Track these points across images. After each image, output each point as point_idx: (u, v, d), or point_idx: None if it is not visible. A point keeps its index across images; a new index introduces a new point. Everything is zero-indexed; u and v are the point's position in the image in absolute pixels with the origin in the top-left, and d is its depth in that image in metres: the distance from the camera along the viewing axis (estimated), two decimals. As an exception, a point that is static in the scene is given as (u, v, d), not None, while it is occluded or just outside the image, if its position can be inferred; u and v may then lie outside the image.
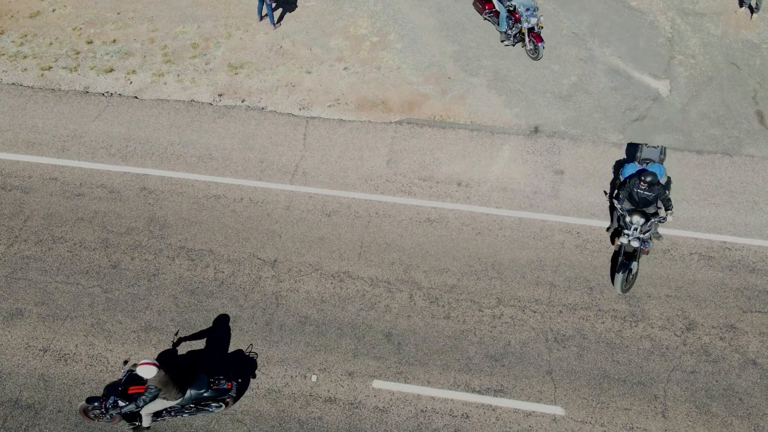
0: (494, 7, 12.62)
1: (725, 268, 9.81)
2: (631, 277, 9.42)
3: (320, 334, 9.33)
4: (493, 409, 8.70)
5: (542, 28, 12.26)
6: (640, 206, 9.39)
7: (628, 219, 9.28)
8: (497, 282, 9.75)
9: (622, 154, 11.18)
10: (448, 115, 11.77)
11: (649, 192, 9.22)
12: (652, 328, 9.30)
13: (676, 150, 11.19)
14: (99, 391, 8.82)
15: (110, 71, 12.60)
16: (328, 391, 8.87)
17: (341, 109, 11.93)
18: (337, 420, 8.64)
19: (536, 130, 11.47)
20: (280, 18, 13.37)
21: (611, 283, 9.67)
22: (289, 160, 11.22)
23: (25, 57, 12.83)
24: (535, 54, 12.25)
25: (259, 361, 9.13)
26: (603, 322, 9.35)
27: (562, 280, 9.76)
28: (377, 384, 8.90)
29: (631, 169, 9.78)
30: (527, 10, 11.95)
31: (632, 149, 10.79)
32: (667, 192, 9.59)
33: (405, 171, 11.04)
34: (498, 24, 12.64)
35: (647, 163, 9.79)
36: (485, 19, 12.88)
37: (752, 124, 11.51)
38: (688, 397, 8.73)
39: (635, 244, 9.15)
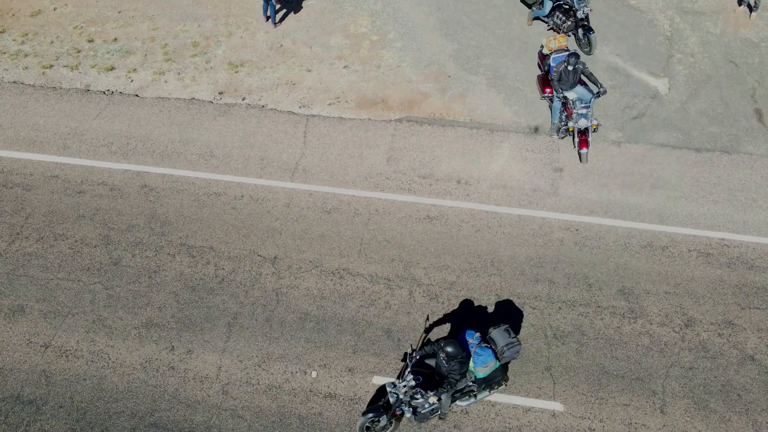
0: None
1: (723, 265, 9.85)
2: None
3: (320, 331, 9.37)
4: (493, 405, 8.73)
5: (597, 130, 10.91)
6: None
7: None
8: (497, 279, 9.80)
9: (621, 153, 11.23)
10: (448, 113, 11.82)
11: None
12: (651, 324, 9.35)
13: (675, 148, 11.24)
14: (101, 387, 8.88)
15: (111, 69, 12.65)
16: (329, 386, 8.91)
17: (341, 108, 11.98)
18: (337, 415, 8.68)
19: (535, 129, 11.51)
20: (282, 17, 13.42)
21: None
22: (289, 158, 11.26)
23: (26, 55, 12.88)
24: (580, 159, 10.95)
25: (259, 357, 9.17)
26: (602, 319, 9.40)
27: (561, 276, 9.80)
28: (377, 380, 8.94)
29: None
30: (583, 106, 10.62)
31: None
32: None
33: (405, 169, 11.09)
34: (551, 112, 11.43)
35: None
36: (541, 99, 11.72)
37: (751, 122, 11.55)
38: (686, 393, 8.77)
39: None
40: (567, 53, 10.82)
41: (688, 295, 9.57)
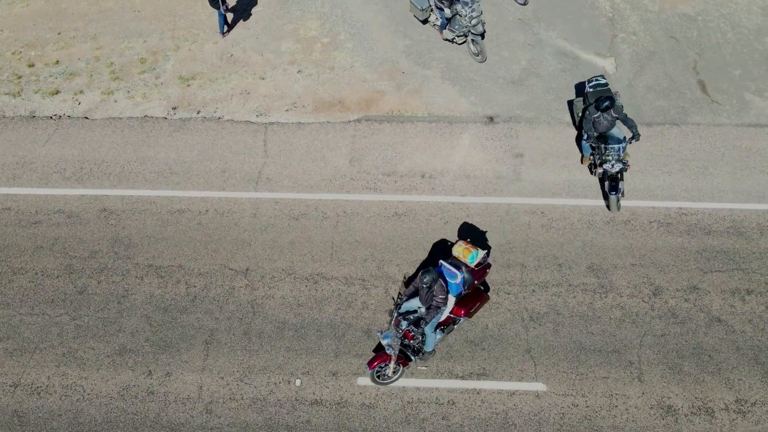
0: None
1: (683, 233, 10.23)
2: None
3: (300, 338, 9.30)
4: (478, 393, 8.85)
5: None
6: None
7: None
8: (469, 268, 9.91)
9: (576, 134, 11.50)
10: (406, 109, 11.89)
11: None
12: (621, 297, 9.63)
13: (627, 124, 11.59)
14: (78, 421, 8.60)
15: (56, 93, 12.24)
16: (314, 393, 8.86)
17: (299, 112, 11.90)
18: (325, 421, 8.64)
19: (492, 118, 11.69)
20: (231, 27, 13.21)
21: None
22: (251, 168, 11.13)
23: (-37, 86, 12.34)
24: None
25: (240, 371, 9.04)
26: (574, 297, 9.63)
27: (532, 260, 10.00)
28: (362, 381, 8.94)
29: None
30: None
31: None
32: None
33: (368, 168, 11.10)
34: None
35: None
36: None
37: (695, 94, 12.02)
38: (660, 360, 9.07)
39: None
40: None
41: (653, 265, 9.90)
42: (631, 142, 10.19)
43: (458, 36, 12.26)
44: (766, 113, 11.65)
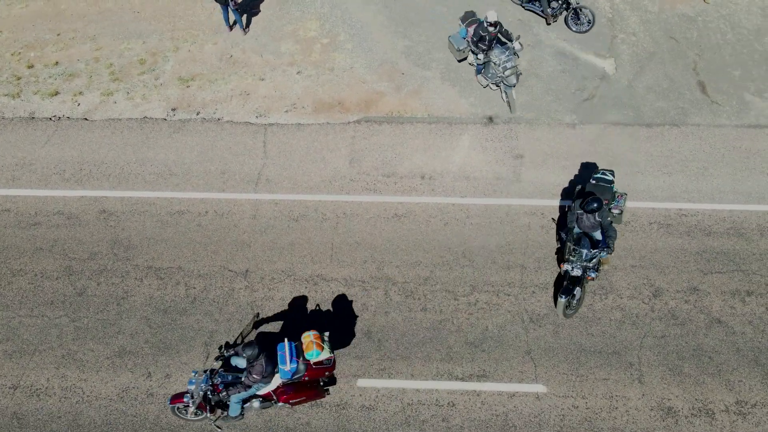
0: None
1: (683, 234, 10.22)
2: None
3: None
4: (478, 394, 8.84)
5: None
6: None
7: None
8: (469, 270, 9.90)
9: (576, 134, 11.50)
10: (405, 110, 11.87)
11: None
12: (621, 298, 9.62)
13: (627, 125, 11.58)
14: (77, 423, 8.58)
15: (55, 94, 12.22)
16: (314, 395, 8.85)
17: (299, 114, 11.89)
18: (325, 423, 8.63)
19: (491, 119, 11.67)
20: (232, 26, 13.20)
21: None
22: (251, 169, 11.11)
23: (-38, 87, 12.32)
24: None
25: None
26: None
27: (532, 261, 9.98)
28: (362, 383, 8.93)
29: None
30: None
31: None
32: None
33: (368, 169, 11.08)
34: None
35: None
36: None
37: (695, 95, 12.01)
38: (661, 361, 9.06)
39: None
40: None
41: (653, 267, 9.88)
42: (602, 255, 8.91)
43: (492, 83, 11.66)
44: (766, 114, 11.64)
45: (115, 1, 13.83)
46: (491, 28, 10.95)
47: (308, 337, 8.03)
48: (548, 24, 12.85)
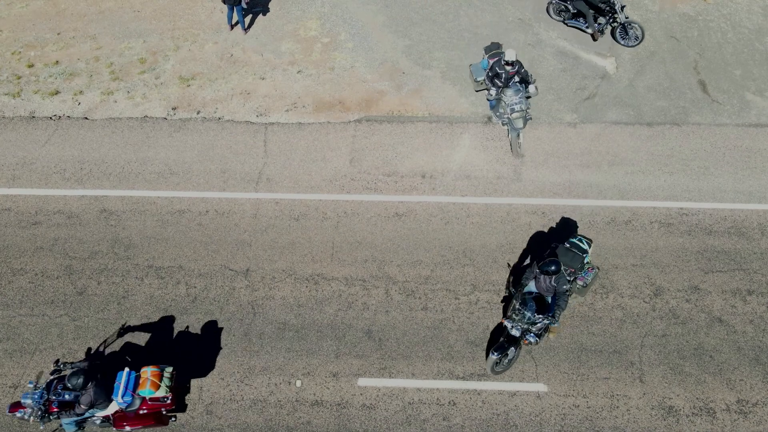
0: None
1: (684, 233, 10.21)
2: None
3: (300, 339, 9.28)
4: (479, 393, 8.83)
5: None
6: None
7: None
8: (470, 269, 9.90)
9: (577, 133, 11.48)
10: (406, 110, 11.86)
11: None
12: (622, 297, 9.61)
13: (628, 124, 11.57)
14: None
15: (56, 94, 12.21)
16: (314, 394, 8.84)
17: (299, 113, 11.88)
18: (326, 422, 8.63)
19: (492, 118, 11.66)
20: (233, 25, 13.20)
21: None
22: (251, 168, 11.11)
23: (-38, 86, 12.31)
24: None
25: (240, 372, 9.02)
26: (575, 297, 9.60)
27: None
28: (362, 382, 8.92)
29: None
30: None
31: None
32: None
33: (369, 168, 11.08)
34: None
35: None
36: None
37: (696, 94, 12.00)
38: (662, 360, 9.05)
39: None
40: None
41: (654, 266, 9.87)
42: (546, 322, 8.31)
43: (501, 122, 11.07)
44: (767, 113, 11.63)
45: (116, 1, 13.83)
46: (508, 67, 10.62)
47: (145, 374, 7.97)
48: (594, 40, 12.57)
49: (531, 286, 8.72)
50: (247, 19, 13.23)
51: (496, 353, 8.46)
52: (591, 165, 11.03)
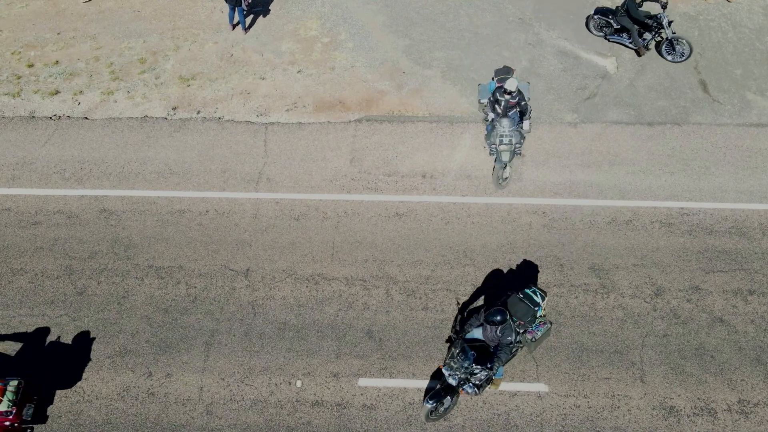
0: None
1: (685, 233, 10.20)
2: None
3: (301, 339, 9.27)
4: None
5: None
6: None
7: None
8: (471, 269, 9.88)
9: (578, 133, 11.47)
10: (406, 109, 11.85)
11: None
12: (623, 297, 9.59)
13: (629, 124, 11.56)
14: (78, 422, 8.56)
15: (56, 93, 12.20)
16: (315, 394, 8.83)
17: (299, 113, 11.87)
18: (326, 422, 8.61)
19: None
20: (234, 25, 13.19)
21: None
22: (251, 168, 11.09)
23: (-38, 86, 12.30)
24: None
25: (241, 372, 9.01)
26: (576, 297, 9.59)
27: (533, 260, 9.96)
28: (363, 382, 8.90)
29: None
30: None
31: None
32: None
33: (369, 168, 11.06)
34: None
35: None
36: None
37: (696, 93, 11.99)
38: (663, 360, 9.04)
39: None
40: None
41: (655, 266, 9.86)
42: (485, 374, 7.87)
43: (490, 152, 10.68)
44: (768, 113, 11.63)
45: (116, 1, 13.82)
46: (507, 96, 10.33)
47: (12, 384, 7.79)
48: (639, 56, 12.34)
49: (477, 333, 8.24)
50: (248, 19, 13.23)
51: (431, 402, 7.99)
52: (591, 165, 11.02)
